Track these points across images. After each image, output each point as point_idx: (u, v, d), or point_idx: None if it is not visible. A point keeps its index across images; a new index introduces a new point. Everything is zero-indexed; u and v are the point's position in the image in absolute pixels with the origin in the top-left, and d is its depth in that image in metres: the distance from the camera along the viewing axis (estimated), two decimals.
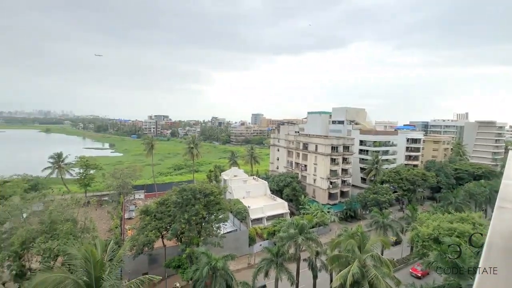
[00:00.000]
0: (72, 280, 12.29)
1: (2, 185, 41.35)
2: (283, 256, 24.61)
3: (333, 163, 52.63)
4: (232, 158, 73.76)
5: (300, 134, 64.00)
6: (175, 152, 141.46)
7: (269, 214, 45.11)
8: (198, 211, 26.86)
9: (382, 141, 61.39)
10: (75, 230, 23.99)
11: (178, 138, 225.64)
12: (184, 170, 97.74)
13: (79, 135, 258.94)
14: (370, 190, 49.34)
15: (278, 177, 57.42)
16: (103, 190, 57.27)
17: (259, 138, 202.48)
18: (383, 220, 34.41)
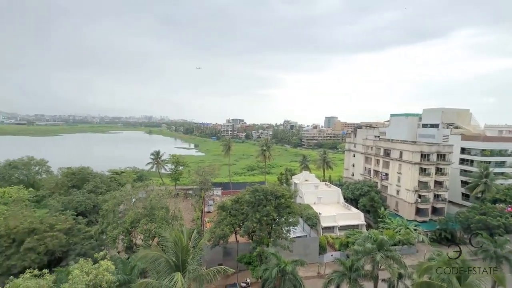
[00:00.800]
0: (165, 259, 14.54)
1: (120, 175, 52.63)
2: (357, 272, 22.57)
3: (422, 173, 45.16)
4: (304, 162, 72.62)
5: (381, 139, 57.58)
6: (248, 153, 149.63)
7: (342, 223, 42.29)
8: (269, 212, 27.55)
9: (494, 149, 48.93)
10: (167, 216, 28.30)
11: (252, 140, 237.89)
12: (256, 171, 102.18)
13: (172, 136, 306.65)
14: (476, 209, 39.95)
15: (353, 185, 53.22)
16: (188, 184, 65.70)
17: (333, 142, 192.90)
18: (495, 250, 27.24)
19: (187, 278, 13.90)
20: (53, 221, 26.53)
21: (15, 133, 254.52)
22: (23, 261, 22.55)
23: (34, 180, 51.87)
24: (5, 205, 32.74)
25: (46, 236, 24.27)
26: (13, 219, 25.18)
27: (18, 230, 23.89)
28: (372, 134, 61.76)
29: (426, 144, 46.74)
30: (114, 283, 16.50)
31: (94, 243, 27.23)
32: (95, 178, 44.71)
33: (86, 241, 27.29)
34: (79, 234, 27.94)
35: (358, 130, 67.22)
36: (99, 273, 15.77)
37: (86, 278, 15.18)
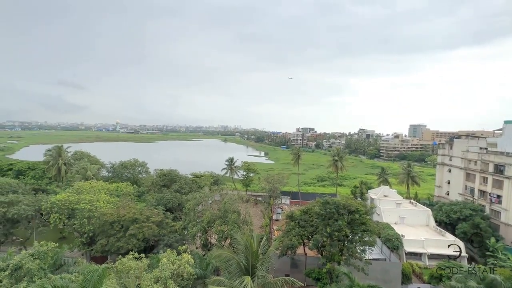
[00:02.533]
0: (236, 261, 15.30)
1: (199, 178, 58.87)
2: None
3: None
4: (382, 175, 65.05)
5: (490, 152, 46.30)
6: (318, 163, 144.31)
7: (432, 251, 35.67)
8: (341, 227, 25.63)
9: None
10: (239, 220, 29.84)
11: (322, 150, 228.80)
12: (327, 182, 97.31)
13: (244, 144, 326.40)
14: None
15: (449, 206, 44.32)
16: (258, 191, 67.88)
17: (420, 154, 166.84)
18: None
19: (256, 283, 14.21)
20: (149, 214, 31.68)
21: (127, 139, 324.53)
22: (127, 244, 27.65)
23: (137, 178, 63.49)
24: (117, 197, 41.07)
25: (144, 226, 29.16)
26: (122, 209, 31.33)
27: (126, 218, 29.56)
28: (476, 146, 50.35)
29: None
30: (192, 275, 18.34)
31: (178, 237, 31.02)
32: (180, 179, 51.33)
33: (172, 234, 31.34)
34: (167, 227, 32.37)
35: (455, 140, 56.07)
36: (181, 264, 17.85)
37: (172, 266, 17.38)
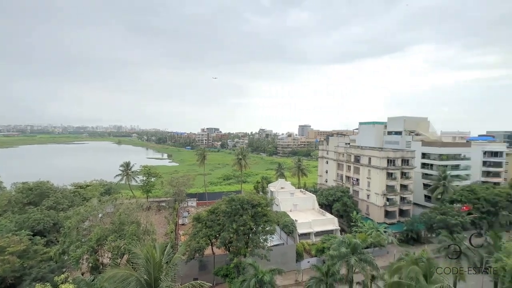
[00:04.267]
0: (135, 278, 13.59)
1: (85, 188, 48.89)
2: (333, 277, 23.00)
3: (389, 177, 47.99)
4: (279, 169, 73.53)
5: (351, 146, 60.43)
6: (224, 162, 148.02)
7: (317, 229, 43.11)
8: (246, 221, 27.25)
9: (450, 154, 53.73)
10: (139, 231, 26.68)
11: (227, 149, 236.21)
12: (232, 181, 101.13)
13: (143, 146, 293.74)
14: (437, 210, 43.16)
15: (327, 191, 54.83)
16: (161, 196, 62.94)
17: (307, 150, 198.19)
18: (455, 246, 29.48)
19: None
20: (5, 243, 23.68)
21: None
22: None
23: None
24: None
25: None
26: None
27: None
28: (343, 142, 64.58)
29: (391, 150, 49.95)
30: None
31: (53, 265, 24.70)
32: (55, 193, 40.99)
33: (44, 264, 24.67)
34: (36, 256, 25.22)
35: (330, 138, 69.96)
36: None
37: None
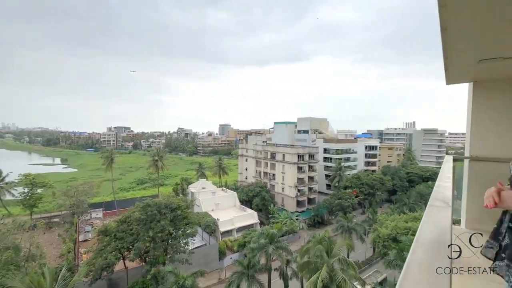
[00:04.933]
0: None
1: None
2: (254, 268, 24.30)
3: (299, 171, 54.29)
4: (200, 169, 71.96)
5: (268, 144, 65.16)
6: (138, 165, 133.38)
7: (239, 225, 44.50)
8: (164, 227, 25.45)
9: (344, 149, 65.31)
10: (17, 259, 20.95)
11: (141, 150, 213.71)
12: (148, 184, 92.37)
13: (24, 150, 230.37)
14: (335, 195, 51.73)
15: (247, 188, 57.30)
16: (53, 210, 51.35)
17: (227, 148, 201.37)
18: (347, 224, 36.17)
19: None
20: None
21: None
22: None
23: None
24: None
25: None
26: None
27: None
28: (260, 140, 68.90)
29: (301, 147, 56.66)
30: None
31: None
32: None
33: None
34: None
35: (249, 136, 73.33)
36: None
37: None
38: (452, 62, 3.37)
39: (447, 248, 0.86)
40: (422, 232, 1.02)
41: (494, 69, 3.49)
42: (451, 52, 2.96)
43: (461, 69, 3.68)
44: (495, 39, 2.69)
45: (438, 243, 0.89)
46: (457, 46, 2.82)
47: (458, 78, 4.25)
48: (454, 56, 3.14)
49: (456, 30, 2.38)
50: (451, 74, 4.00)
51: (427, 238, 0.94)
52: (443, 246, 0.86)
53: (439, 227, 1.06)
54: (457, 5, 1.93)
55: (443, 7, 1.89)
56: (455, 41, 2.66)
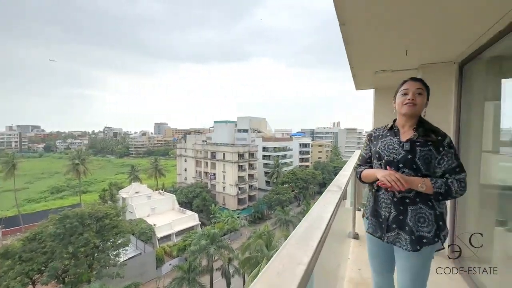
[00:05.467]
0: None
1: None
2: (195, 271, 23.70)
3: (240, 169, 55.27)
4: (133, 172, 65.66)
5: (208, 143, 64.12)
6: (52, 170, 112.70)
7: (178, 229, 42.53)
8: (89, 240, 22.35)
9: (281, 146, 69.45)
10: None
11: (57, 153, 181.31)
12: (66, 193, 79.23)
13: None
14: (274, 191, 54.62)
15: (186, 189, 55.24)
16: None
17: (164, 149, 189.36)
18: (285, 217, 38.73)
19: None
20: None
21: None
22: None
23: None
24: None
25: None
26: None
27: None
28: (200, 139, 67.25)
29: (241, 146, 57.72)
30: None
31: None
32: None
33: None
34: None
35: (187, 136, 70.70)
36: None
37: None
38: (357, 72, 4.03)
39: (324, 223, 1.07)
40: (311, 211, 1.24)
41: (386, 79, 4.33)
42: (355, 63, 3.55)
43: (364, 78, 4.43)
44: (385, 55, 3.35)
45: (319, 219, 1.10)
46: (359, 58, 3.39)
47: (363, 85, 5.10)
48: (357, 67, 3.77)
49: (356, 45, 2.87)
50: (358, 81, 4.78)
51: (313, 215, 1.15)
52: (322, 222, 1.07)
53: (324, 206, 1.30)
54: (353, 24, 2.33)
55: (343, 25, 2.27)
56: (356, 54, 3.20)
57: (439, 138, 1.60)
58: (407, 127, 1.69)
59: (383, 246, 1.74)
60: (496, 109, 3.04)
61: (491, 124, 3.03)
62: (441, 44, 2.92)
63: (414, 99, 1.63)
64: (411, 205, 1.57)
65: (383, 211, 1.66)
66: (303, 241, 0.85)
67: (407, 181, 1.50)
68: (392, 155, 1.63)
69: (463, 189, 1.52)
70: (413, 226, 1.55)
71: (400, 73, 3.93)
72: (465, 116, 3.31)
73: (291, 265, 0.75)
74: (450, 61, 3.32)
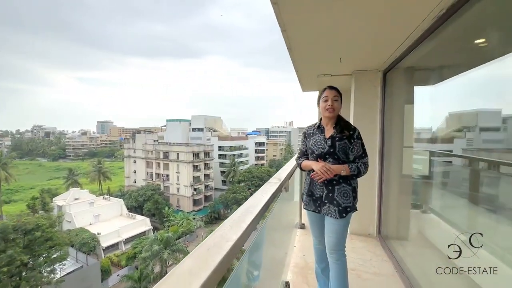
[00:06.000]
0: None
1: None
2: (147, 279, 22.34)
3: (195, 169, 53.82)
4: (71, 177, 58.45)
5: (160, 143, 60.73)
6: None
7: (127, 236, 39.44)
8: (14, 257, 19.20)
9: (237, 145, 69.74)
10: None
11: None
12: None
13: None
14: (230, 190, 54.60)
15: (136, 192, 51.51)
16: None
17: (109, 149, 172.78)
18: None
19: None
20: None
21: None
22: None
23: None
24: None
25: None
26: None
27: None
28: (151, 139, 63.30)
29: (196, 145, 56.17)
30: None
31: None
32: None
33: None
34: None
35: (137, 135, 65.84)
36: None
37: None
38: (301, 75, 4.37)
39: (257, 209, 1.21)
40: (249, 200, 1.38)
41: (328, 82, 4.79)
42: (299, 67, 3.85)
43: (308, 81, 4.82)
44: (324, 61, 3.72)
45: (254, 206, 1.23)
46: (302, 63, 3.70)
47: (308, 87, 5.53)
48: (301, 71, 4.09)
49: (298, 51, 3.14)
50: (303, 84, 5.17)
51: (250, 203, 1.29)
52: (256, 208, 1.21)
53: (261, 196, 1.46)
54: (293, 31, 2.56)
55: (284, 31, 2.47)
56: (299, 60, 3.49)
57: (351, 132, 2.16)
58: (329, 125, 2.25)
59: (319, 217, 2.27)
60: (411, 112, 3.65)
61: (408, 124, 3.63)
62: (369, 54, 3.38)
63: (332, 105, 2.17)
64: (337, 185, 2.13)
65: (317, 191, 2.21)
66: (235, 224, 1.00)
67: (334, 170, 2.06)
68: (320, 150, 2.19)
69: (366, 169, 2.15)
70: (339, 200, 2.10)
71: (338, 78, 4.40)
72: (388, 117, 3.89)
73: (221, 242, 0.88)
74: (376, 69, 3.87)
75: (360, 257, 3.35)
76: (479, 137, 2.73)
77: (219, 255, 0.80)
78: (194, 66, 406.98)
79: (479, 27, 2.20)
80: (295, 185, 4.19)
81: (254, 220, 1.10)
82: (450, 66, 2.86)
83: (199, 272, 0.69)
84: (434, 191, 3.56)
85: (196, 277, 0.67)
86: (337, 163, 2.13)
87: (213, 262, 0.76)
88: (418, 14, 2.21)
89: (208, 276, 0.68)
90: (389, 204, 3.89)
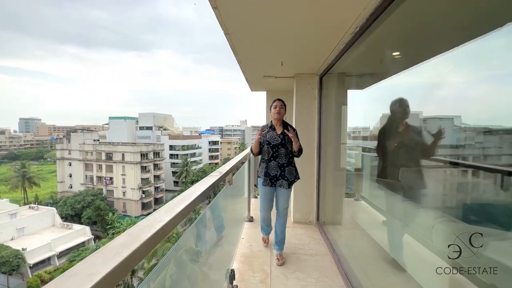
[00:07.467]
0: None
1: None
2: None
3: (143, 171, 50.36)
4: None
5: (102, 143, 54.97)
6: None
7: (62, 248, 34.82)
8: None
9: (189, 144, 67.48)
10: None
11: None
12: None
13: None
14: (182, 191, 52.36)
15: (73, 199, 45.77)
16: None
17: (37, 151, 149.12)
18: (195, 216, 38.09)
19: None
20: None
21: None
22: None
23: None
24: None
25: None
26: None
27: None
28: (91, 138, 56.85)
29: (144, 145, 52.49)
30: None
31: None
32: None
33: None
34: None
35: (72, 134, 58.39)
36: None
37: None
38: (248, 76, 4.57)
39: (192, 197, 1.32)
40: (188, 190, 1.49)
41: (274, 83, 5.11)
42: (245, 68, 4.04)
43: (255, 81, 5.06)
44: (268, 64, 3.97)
45: (190, 195, 1.35)
46: (247, 65, 3.89)
47: (256, 87, 5.79)
48: (248, 71, 4.29)
49: (242, 53, 3.30)
50: (251, 84, 5.39)
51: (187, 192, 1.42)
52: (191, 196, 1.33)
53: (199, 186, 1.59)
54: (236, 35, 2.70)
55: (227, 34, 2.60)
56: (244, 61, 3.66)
57: (293, 130, 3.16)
58: (278, 126, 3.19)
59: (271, 190, 3.15)
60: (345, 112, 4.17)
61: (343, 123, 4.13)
62: (307, 59, 3.74)
63: (279, 112, 3.15)
64: (287, 166, 3.10)
65: (273, 171, 3.09)
66: (170, 209, 1.12)
67: (294, 138, 2.99)
68: (275, 141, 3.10)
69: (301, 152, 3.09)
70: (288, 177, 3.09)
71: (282, 79, 4.73)
72: (325, 117, 4.36)
73: (153, 223, 1.00)
74: (314, 73, 4.29)
75: (300, 242, 3.72)
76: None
77: (150, 232, 0.91)
78: (142, 60, 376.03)
79: (387, 43, 2.68)
80: (245, 183, 4.41)
81: (189, 206, 1.22)
82: (374, 73, 3.38)
83: (130, 245, 0.81)
84: (364, 181, 4.15)
85: (127, 248, 0.78)
86: (286, 151, 3.08)
87: (144, 237, 0.88)
88: (340, 27, 2.57)
89: (138, 247, 0.81)
90: (326, 194, 4.38)
